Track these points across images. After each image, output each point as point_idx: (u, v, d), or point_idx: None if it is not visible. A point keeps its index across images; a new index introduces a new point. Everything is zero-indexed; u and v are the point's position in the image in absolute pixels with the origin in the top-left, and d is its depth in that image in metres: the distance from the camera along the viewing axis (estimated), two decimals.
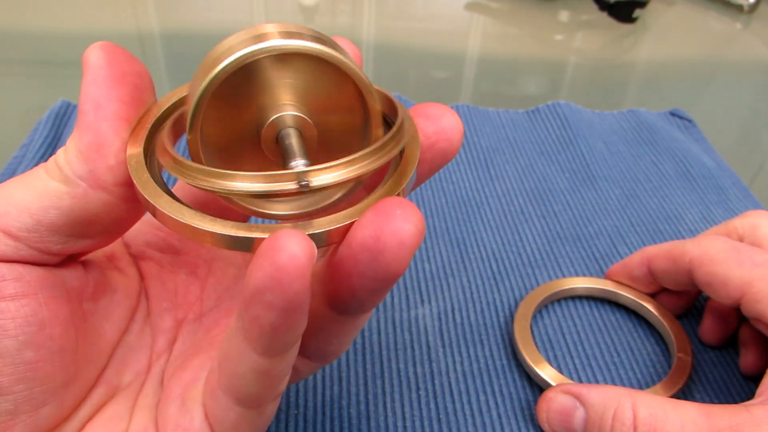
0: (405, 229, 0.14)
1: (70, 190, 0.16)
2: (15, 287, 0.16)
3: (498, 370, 0.29)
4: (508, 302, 0.32)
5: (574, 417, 0.24)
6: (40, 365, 0.16)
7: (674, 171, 0.42)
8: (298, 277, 0.13)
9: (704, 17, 0.74)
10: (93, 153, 0.16)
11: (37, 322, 0.16)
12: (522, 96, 0.58)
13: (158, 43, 0.61)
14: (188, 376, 0.18)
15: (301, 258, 0.13)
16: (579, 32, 0.70)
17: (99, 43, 0.16)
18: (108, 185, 0.16)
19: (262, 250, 0.13)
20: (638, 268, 0.31)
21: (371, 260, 0.14)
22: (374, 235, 0.14)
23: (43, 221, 0.16)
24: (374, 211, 0.14)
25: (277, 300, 0.13)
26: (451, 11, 0.72)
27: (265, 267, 0.13)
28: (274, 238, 0.13)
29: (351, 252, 0.14)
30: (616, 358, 0.30)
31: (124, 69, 0.16)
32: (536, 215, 0.38)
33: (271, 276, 0.13)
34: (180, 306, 0.21)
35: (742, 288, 0.25)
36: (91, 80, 0.16)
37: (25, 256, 0.16)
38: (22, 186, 0.16)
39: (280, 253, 0.13)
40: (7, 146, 0.40)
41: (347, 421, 0.26)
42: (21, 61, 0.55)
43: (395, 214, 0.14)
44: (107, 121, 0.16)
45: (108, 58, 0.16)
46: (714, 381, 0.29)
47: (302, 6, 0.69)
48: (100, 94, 0.16)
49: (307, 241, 0.13)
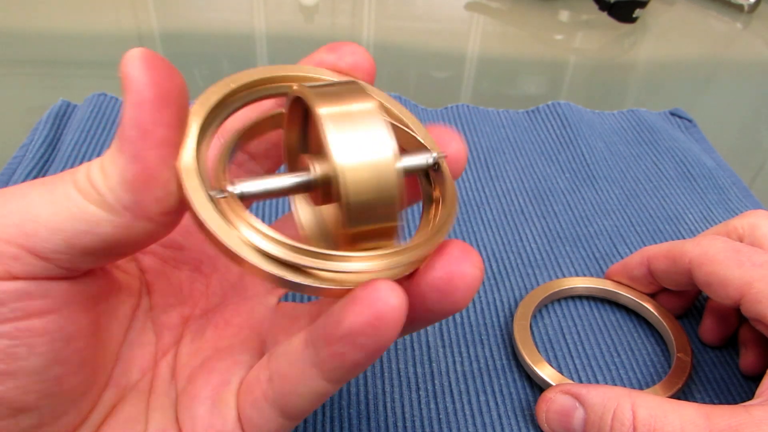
0: (472, 273, 0.16)
1: (113, 219, 0.15)
2: (41, 304, 0.15)
3: (498, 370, 0.29)
4: (508, 302, 0.32)
5: (574, 417, 0.24)
6: (65, 379, 0.16)
7: (674, 171, 0.42)
8: (394, 326, 0.14)
9: (704, 17, 0.74)
10: (141, 184, 0.15)
11: (63, 337, 0.16)
12: (522, 96, 0.58)
13: (158, 43, 0.61)
14: (216, 379, 0.18)
15: (399, 309, 0.14)
16: (579, 32, 0.70)
17: (139, 51, 0.15)
18: (154, 216, 0.15)
19: (360, 296, 0.14)
20: (638, 268, 0.31)
21: (440, 299, 0.16)
22: (445, 277, 0.16)
23: (77, 245, 0.15)
24: (442, 255, 0.16)
25: (369, 344, 0.14)
26: (451, 11, 0.72)
27: (364, 313, 0.14)
28: (372, 288, 0.14)
29: (419, 290, 0.16)
30: (617, 358, 0.30)
31: (168, 86, 0.15)
32: (536, 215, 0.38)
33: (369, 323, 0.14)
34: (186, 302, 0.21)
35: (741, 288, 0.25)
36: (136, 103, 0.14)
37: (52, 274, 0.15)
38: (49, 201, 0.15)
39: (379, 302, 0.14)
40: (6, 146, 0.40)
41: (347, 421, 0.26)
42: (21, 61, 0.55)
43: (460, 256, 0.16)
44: (155, 149, 0.15)
45: (150, 75, 0.14)
46: (714, 381, 0.29)
47: (302, 6, 0.69)
48: (145, 119, 0.14)
49: (402, 292, 0.14)
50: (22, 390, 0.15)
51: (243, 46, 0.61)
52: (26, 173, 0.37)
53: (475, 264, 0.16)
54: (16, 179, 0.36)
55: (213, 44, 0.61)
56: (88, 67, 0.56)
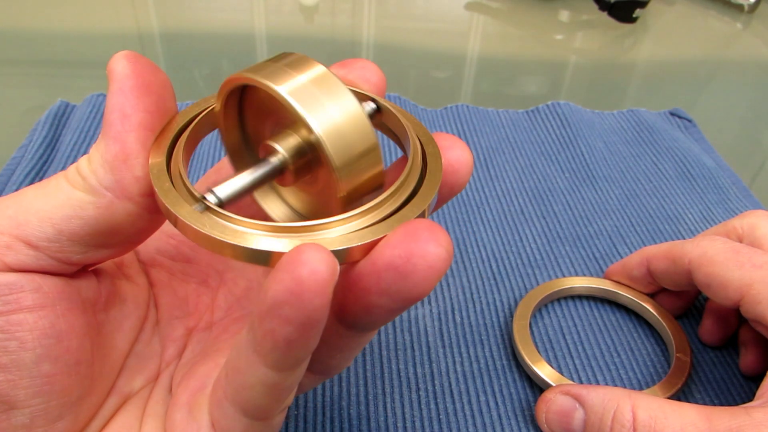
0: (436, 253, 0.14)
1: (95, 200, 0.16)
2: (33, 298, 0.16)
3: (498, 371, 0.29)
4: (508, 302, 0.32)
5: (574, 418, 0.24)
6: (57, 378, 0.16)
7: (674, 171, 0.42)
8: (319, 292, 0.13)
9: (704, 17, 0.74)
10: (120, 163, 0.16)
11: (54, 334, 0.16)
12: (522, 96, 0.58)
13: (158, 43, 0.61)
14: (195, 384, 0.18)
15: (324, 273, 0.13)
16: (579, 32, 0.70)
17: (123, 52, 0.16)
18: (134, 195, 0.16)
19: (282, 263, 0.13)
20: (637, 269, 0.31)
21: (397, 280, 0.14)
22: (404, 255, 0.14)
23: (65, 231, 0.16)
24: (404, 231, 0.14)
25: (295, 314, 0.13)
26: (451, 11, 0.72)
27: (285, 280, 0.13)
28: (296, 252, 0.13)
29: (375, 269, 0.14)
30: (617, 358, 0.30)
31: (149, 79, 0.16)
32: (536, 215, 0.38)
33: (290, 290, 0.13)
34: (191, 315, 0.21)
35: (741, 290, 0.25)
36: (117, 90, 0.16)
37: (44, 266, 0.16)
38: (42, 194, 0.16)
39: (301, 267, 0.12)
40: (6, 146, 0.40)
41: (347, 422, 0.26)
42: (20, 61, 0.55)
43: (426, 236, 0.14)
44: (134, 131, 0.16)
45: (133, 68, 0.16)
46: (714, 381, 0.29)
47: (302, 6, 0.69)
48: (126, 103, 0.16)
49: (330, 257, 0.13)
50: (11, 384, 0.15)
51: (243, 46, 0.61)
52: (25, 174, 0.37)
53: (440, 242, 0.14)
54: (15, 179, 0.36)
55: (213, 44, 0.61)
56: (88, 68, 0.56)
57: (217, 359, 0.18)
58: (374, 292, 0.14)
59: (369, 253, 0.14)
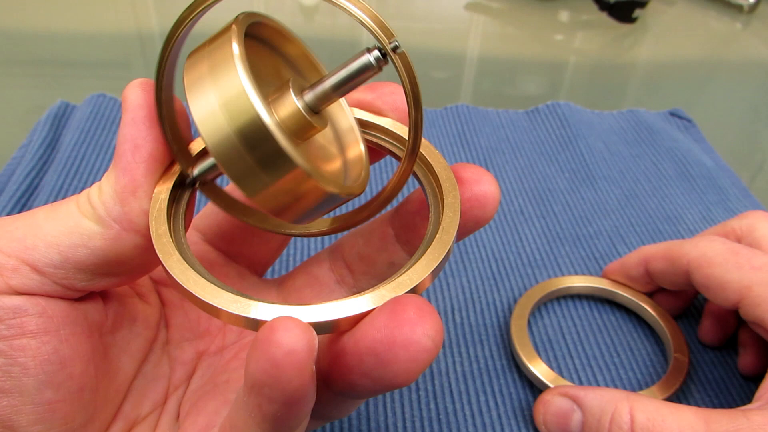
0: (420, 344, 0.13)
1: (103, 231, 0.16)
2: (37, 323, 0.15)
3: (498, 371, 0.29)
4: (508, 302, 0.32)
5: (572, 420, 0.24)
6: (59, 405, 0.16)
7: (674, 171, 0.42)
8: (297, 373, 0.12)
9: (704, 17, 0.74)
10: (128, 195, 0.16)
11: (57, 360, 0.16)
12: (522, 96, 0.58)
13: (158, 43, 0.61)
14: (203, 421, 0.17)
15: (300, 353, 0.12)
16: (579, 32, 0.70)
17: (138, 81, 0.16)
18: (141, 228, 0.16)
19: (258, 341, 0.12)
20: (635, 268, 0.31)
21: (377, 367, 0.13)
22: (386, 341, 0.13)
23: (71, 259, 0.16)
24: (391, 310, 0.13)
25: (276, 395, 0.12)
26: (451, 11, 0.72)
27: (261, 361, 0.12)
28: (269, 330, 0.12)
29: (357, 350, 0.13)
30: (615, 359, 0.30)
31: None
32: (536, 215, 0.38)
33: (267, 372, 0.12)
34: (202, 337, 0.21)
35: (740, 292, 0.25)
36: (130, 120, 0.16)
37: (49, 291, 0.16)
38: (52, 218, 0.16)
39: (276, 347, 0.12)
40: (6, 147, 0.40)
41: (347, 421, 0.26)
42: (20, 62, 0.55)
43: (413, 319, 0.13)
44: (144, 162, 0.16)
45: (146, 97, 0.16)
46: (713, 381, 0.29)
47: (302, 6, 0.69)
48: (138, 135, 0.16)
49: (306, 332, 0.12)
50: (14, 410, 0.15)
51: None
52: (25, 174, 0.37)
53: (426, 330, 0.12)
54: (15, 179, 0.36)
55: None
56: (88, 68, 0.55)
57: (225, 394, 0.18)
58: (356, 373, 0.13)
59: (356, 326, 0.14)
